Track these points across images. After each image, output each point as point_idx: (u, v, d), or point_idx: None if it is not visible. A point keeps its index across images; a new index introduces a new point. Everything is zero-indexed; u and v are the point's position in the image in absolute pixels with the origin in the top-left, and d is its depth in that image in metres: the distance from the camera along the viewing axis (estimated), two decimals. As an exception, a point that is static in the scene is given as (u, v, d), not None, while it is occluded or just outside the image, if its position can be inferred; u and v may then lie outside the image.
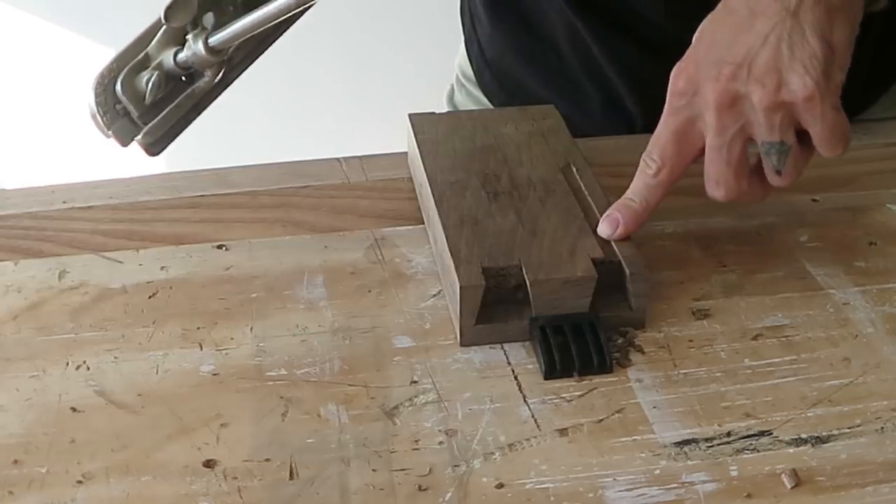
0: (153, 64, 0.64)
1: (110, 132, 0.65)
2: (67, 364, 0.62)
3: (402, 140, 0.81)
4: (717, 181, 0.64)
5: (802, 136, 0.62)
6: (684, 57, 0.64)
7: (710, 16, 0.64)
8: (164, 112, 0.65)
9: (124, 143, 0.66)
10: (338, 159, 0.83)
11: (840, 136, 0.61)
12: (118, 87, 0.63)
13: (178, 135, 0.67)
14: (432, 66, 1.23)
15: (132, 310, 0.66)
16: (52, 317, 0.66)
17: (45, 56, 2.01)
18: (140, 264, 0.71)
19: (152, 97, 0.64)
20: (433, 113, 0.82)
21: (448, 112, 1.02)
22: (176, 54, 0.65)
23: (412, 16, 2.01)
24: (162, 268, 0.70)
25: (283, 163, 0.83)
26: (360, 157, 0.83)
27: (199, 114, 0.67)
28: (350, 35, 2.05)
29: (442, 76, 1.07)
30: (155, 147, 0.66)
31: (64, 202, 0.78)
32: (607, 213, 0.66)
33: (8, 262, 0.71)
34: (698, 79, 0.62)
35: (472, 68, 1.00)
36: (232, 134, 2.08)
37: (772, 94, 0.60)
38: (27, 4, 2.03)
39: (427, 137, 0.77)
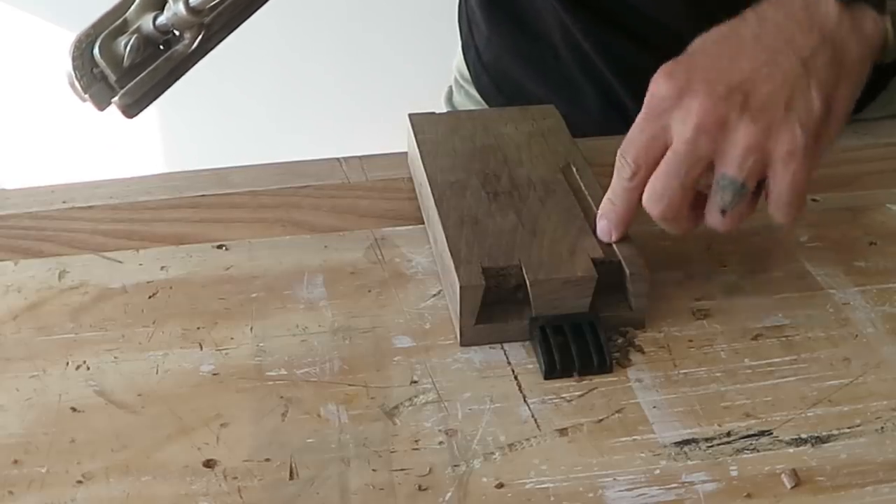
0: (132, 28, 0.64)
1: (87, 96, 0.65)
2: (67, 364, 0.62)
3: (402, 140, 0.81)
4: (661, 195, 0.60)
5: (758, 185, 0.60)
6: (673, 62, 0.61)
7: (711, 31, 0.61)
8: (141, 75, 0.65)
9: (101, 107, 0.66)
10: (338, 159, 0.83)
11: (798, 204, 0.59)
12: (96, 50, 0.63)
13: (154, 99, 0.67)
14: (432, 66, 1.23)
15: (132, 310, 0.66)
16: (52, 317, 0.66)
17: (45, 56, 2.01)
18: (140, 264, 0.71)
19: (130, 60, 0.64)
20: (433, 113, 0.82)
21: (448, 112, 1.02)
22: (155, 18, 0.65)
23: (412, 16, 2.01)
24: (162, 268, 0.70)
25: (283, 163, 0.83)
26: (360, 157, 0.83)
27: (176, 79, 0.67)
28: (350, 35, 2.05)
29: (441, 76, 1.07)
30: (132, 109, 0.66)
31: (64, 202, 0.78)
32: (598, 217, 0.65)
33: (8, 262, 0.71)
34: (686, 88, 0.59)
35: (470, 72, 1.00)
36: (232, 134, 2.09)
37: (758, 134, 0.57)
38: (27, 4, 2.03)
39: (427, 137, 0.77)
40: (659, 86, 0.60)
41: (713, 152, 0.58)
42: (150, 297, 0.67)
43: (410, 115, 0.80)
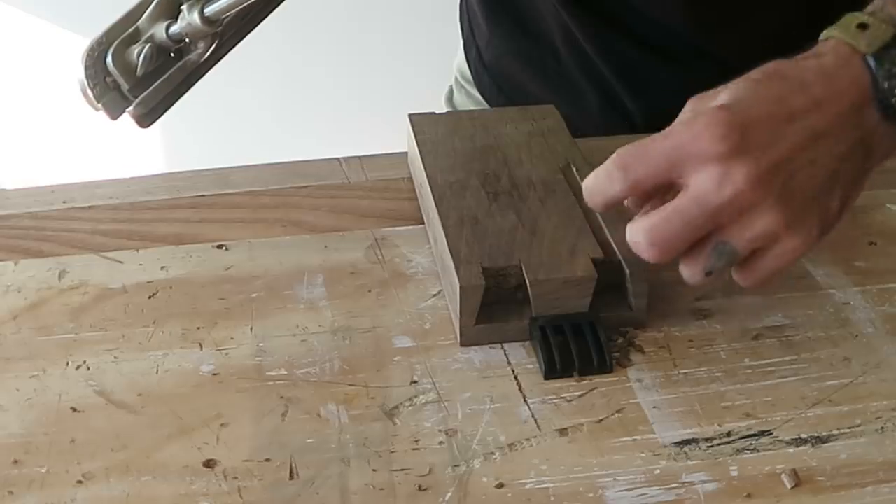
0: (144, 37, 0.64)
1: (100, 105, 0.65)
2: (67, 364, 0.62)
3: (402, 140, 0.81)
4: (662, 241, 0.55)
5: None
6: (728, 111, 0.54)
7: (762, 81, 0.56)
8: (155, 84, 0.65)
9: (114, 117, 0.66)
10: (338, 159, 0.83)
11: (766, 282, 0.57)
12: (109, 59, 0.63)
13: (168, 108, 0.67)
14: (432, 66, 1.23)
15: (132, 310, 0.66)
16: (52, 317, 0.66)
17: (45, 56, 2.01)
18: (140, 264, 0.71)
19: (143, 70, 0.64)
20: (433, 113, 0.82)
21: (448, 112, 1.02)
22: (168, 27, 0.65)
23: (412, 16, 2.01)
24: (162, 268, 0.70)
25: (283, 163, 0.83)
26: (360, 157, 0.83)
27: (189, 87, 0.67)
28: (350, 35, 2.05)
29: (442, 77, 1.07)
30: (146, 118, 0.66)
31: (64, 202, 0.78)
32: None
33: (8, 262, 0.71)
34: (736, 150, 0.53)
35: (471, 72, 1.00)
36: (232, 134, 2.09)
37: (780, 223, 0.54)
38: (27, 4, 2.03)
39: (427, 137, 0.77)
40: (713, 135, 0.54)
41: (732, 220, 0.55)
42: (150, 297, 0.67)
43: (410, 115, 0.80)
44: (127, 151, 1.99)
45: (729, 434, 0.57)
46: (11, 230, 0.74)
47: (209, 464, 0.55)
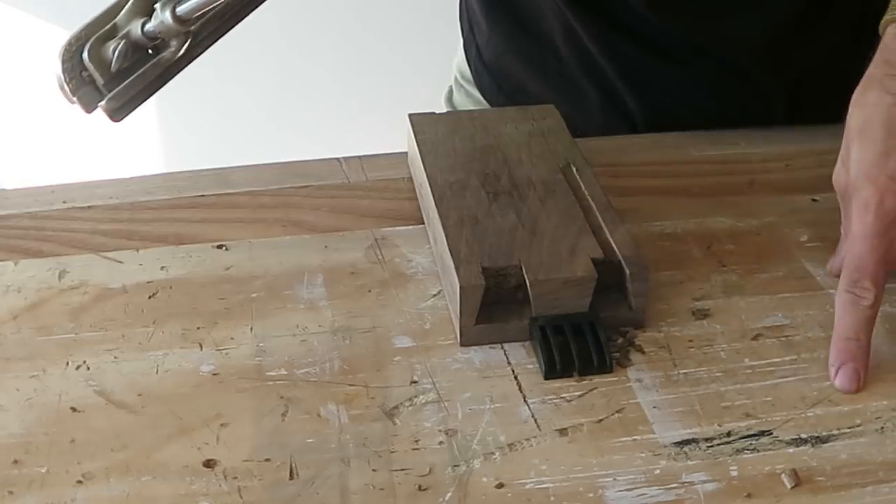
0: (121, 33, 0.65)
1: (75, 98, 0.65)
2: (67, 364, 0.62)
3: (402, 140, 0.81)
4: None
5: None
6: (878, 168, 0.61)
7: (881, 125, 0.62)
8: (128, 80, 0.66)
9: (88, 110, 0.66)
10: (338, 159, 0.83)
11: None
12: (85, 54, 0.64)
13: (141, 103, 0.68)
14: (432, 66, 1.23)
15: (132, 310, 0.66)
16: (52, 317, 0.66)
17: (45, 56, 2.01)
18: (140, 264, 0.71)
19: (118, 65, 0.65)
20: (433, 113, 0.82)
21: (448, 112, 1.02)
22: (143, 25, 0.65)
23: (412, 16, 2.01)
24: (162, 268, 0.70)
25: (283, 163, 0.83)
26: (360, 157, 0.83)
27: (163, 84, 0.68)
28: (350, 35, 2.05)
29: (442, 76, 1.07)
30: (118, 113, 0.67)
31: (64, 202, 0.78)
32: (840, 364, 0.60)
33: (8, 262, 0.71)
34: None
35: (471, 70, 1.00)
36: (232, 134, 2.09)
37: None
38: (27, 4, 2.03)
39: (427, 137, 0.77)
40: (886, 200, 0.61)
41: None
42: (150, 297, 0.67)
43: (410, 115, 0.80)
44: (126, 151, 1.99)
45: (729, 434, 0.57)
46: (11, 230, 0.74)
47: (209, 464, 0.55)
